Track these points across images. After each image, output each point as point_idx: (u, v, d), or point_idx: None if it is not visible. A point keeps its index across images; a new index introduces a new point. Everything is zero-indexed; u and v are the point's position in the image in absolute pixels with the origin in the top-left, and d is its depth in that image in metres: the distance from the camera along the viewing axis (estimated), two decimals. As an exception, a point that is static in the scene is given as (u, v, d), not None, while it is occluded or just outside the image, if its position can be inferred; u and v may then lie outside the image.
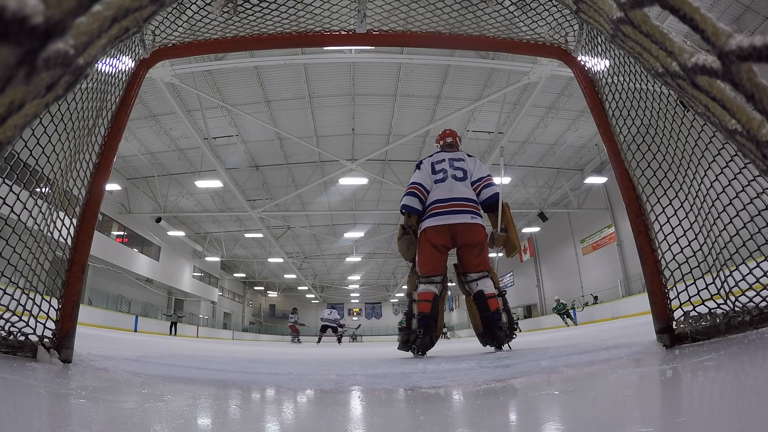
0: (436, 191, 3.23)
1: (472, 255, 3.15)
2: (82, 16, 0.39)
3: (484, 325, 2.99)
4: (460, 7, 2.11)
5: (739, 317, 1.28)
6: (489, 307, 2.99)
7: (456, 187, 3.20)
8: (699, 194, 1.42)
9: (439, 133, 3.74)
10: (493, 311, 2.96)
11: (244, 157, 16.57)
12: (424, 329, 2.94)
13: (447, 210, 3.14)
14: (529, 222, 24.47)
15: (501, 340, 2.90)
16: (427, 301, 3.05)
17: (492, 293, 3.07)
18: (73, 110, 1.44)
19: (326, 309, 16.58)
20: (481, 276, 3.13)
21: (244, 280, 38.76)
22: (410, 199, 3.26)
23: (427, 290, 3.11)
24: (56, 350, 1.42)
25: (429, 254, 3.15)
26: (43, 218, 1.45)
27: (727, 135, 0.70)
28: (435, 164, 3.35)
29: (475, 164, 3.37)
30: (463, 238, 3.11)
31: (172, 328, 20.69)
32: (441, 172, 3.29)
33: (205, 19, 2.01)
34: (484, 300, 3.02)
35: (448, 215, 3.12)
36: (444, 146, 3.60)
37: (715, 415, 0.63)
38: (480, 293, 3.07)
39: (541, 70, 10.06)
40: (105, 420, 0.74)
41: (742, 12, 9.80)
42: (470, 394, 1.06)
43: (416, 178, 3.34)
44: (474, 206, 3.19)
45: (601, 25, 1.14)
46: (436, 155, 3.45)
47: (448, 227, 3.10)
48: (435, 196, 3.21)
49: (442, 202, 3.17)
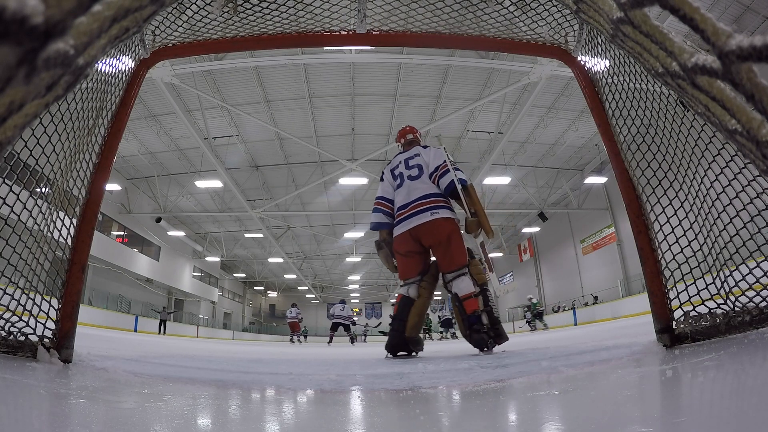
0: (397, 198, 3.22)
1: (440, 254, 3.07)
2: (82, 16, 0.39)
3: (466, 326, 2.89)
4: (460, 7, 2.11)
5: (739, 317, 1.28)
6: (465, 311, 2.89)
7: (413, 188, 3.14)
8: (699, 194, 1.42)
9: (398, 131, 3.64)
10: (469, 314, 2.85)
11: (244, 157, 16.57)
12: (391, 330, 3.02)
13: (407, 215, 3.09)
14: (529, 222, 24.47)
15: (480, 343, 2.76)
16: (396, 303, 3.13)
17: (467, 294, 2.92)
18: (73, 110, 1.44)
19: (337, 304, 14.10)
20: (456, 275, 2.99)
21: (244, 280, 38.77)
22: (375, 216, 3.30)
23: (398, 292, 3.15)
24: (56, 350, 1.42)
25: (398, 262, 3.17)
26: (43, 218, 1.45)
27: (727, 135, 0.70)
28: (393, 170, 3.34)
29: (431, 154, 3.23)
30: (428, 239, 3.04)
31: (161, 327, 19.37)
32: (399, 177, 3.27)
33: (205, 19, 2.01)
34: (460, 303, 2.93)
35: (408, 219, 3.07)
36: (404, 145, 3.52)
37: (715, 415, 0.63)
38: (455, 296, 2.97)
39: (541, 70, 10.06)
40: (105, 420, 0.74)
41: (742, 12, 9.80)
42: (470, 394, 1.06)
43: (379, 191, 3.36)
44: (434, 200, 3.07)
45: (601, 25, 1.14)
46: (393, 160, 3.42)
47: (408, 233, 3.05)
48: (397, 203, 3.21)
49: (402, 208, 3.15)
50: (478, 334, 2.77)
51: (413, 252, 3.08)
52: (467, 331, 2.86)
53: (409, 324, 2.95)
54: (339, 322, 13.68)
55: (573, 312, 19.41)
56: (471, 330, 2.81)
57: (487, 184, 17.21)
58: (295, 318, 16.37)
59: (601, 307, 17.66)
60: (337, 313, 13.73)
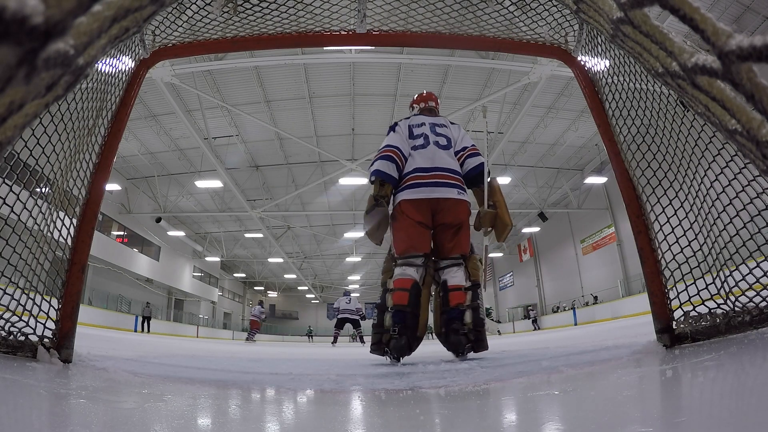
0: (416, 158, 2.66)
1: (447, 236, 2.58)
2: (82, 16, 0.39)
3: (443, 323, 2.42)
4: (460, 7, 2.11)
5: (739, 317, 1.28)
6: (448, 303, 2.40)
7: (439, 156, 2.66)
8: (699, 194, 1.42)
9: (417, 95, 3.10)
10: (452, 307, 2.37)
11: (244, 157, 16.57)
12: (400, 327, 2.29)
13: (430, 181, 2.57)
14: (529, 222, 24.48)
15: (456, 346, 2.29)
16: (403, 290, 2.38)
17: (457, 285, 2.46)
18: (73, 110, 1.44)
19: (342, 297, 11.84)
20: (453, 263, 2.56)
21: (244, 280, 38.78)
22: (385, 164, 2.60)
23: (404, 275, 2.44)
24: (56, 350, 1.42)
25: (409, 229, 2.52)
26: (43, 218, 1.45)
27: (727, 135, 0.70)
28: (413, 127, 2.78)
29: (459, 132, 2.87)
30: (445, 216, 2.55)
31: (144, 324, 18.02)
32: (421, 137, 2.74)
33: (205, 19, 2.01)
34: (446, 293, 2.44)
35: (431, 188, 2.56)
36: (423, 110, 3.01)
37: (715, 415, 0.63)
38: (443, 283, 2.51)
39: (541, 70, 10.07)
40: (105, 420, 0.74)
41: (742, 12, 9.80)
42: (470, 394, 1.06)
43: (392, 140, 2.71)
44: (460, 180, 2.66)
45: (601, 25, 1.14)
46: (414, 118, 2.87)
47: (428, 202, 2.53)
48: (415, 164, 2.64)
49: (423, 171, 2.60)
50: (456, 335, 2.31)
51: (424, 225, 2.56)
52: (443, 329, 2.40)
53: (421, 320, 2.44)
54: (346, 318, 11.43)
55: (573, 312, 19.42)
56: (449, 329, 2.35)
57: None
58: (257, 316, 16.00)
59: (601, 307, 17.66)
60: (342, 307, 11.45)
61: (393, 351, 2.28)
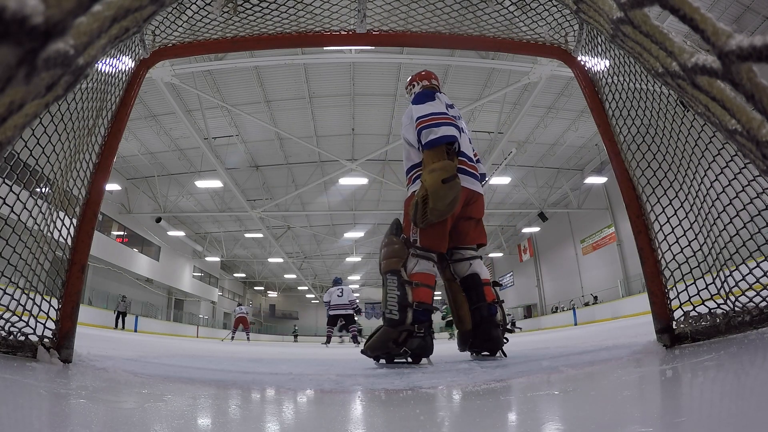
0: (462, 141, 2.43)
1: (471, 225, 2.47)
2: (82, 16, 0.39)
3: (475, 320, 2.28)
4: (460, 7, 2.11)
5: (739, 317, 1.28)
6: (484, 297, 2.27)
7: (468, 147, 2.52)
8: (699, 194, 1.42)
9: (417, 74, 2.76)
10: (489, 303, 2.27)
11: (244, 157, 16.57)
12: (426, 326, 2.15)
13: (471, 172, 2.43)
14: (529, 222, 24.47)
15: (497, 343, 2.22)
16: (429, 287, 2.24)
17: (488, 279, 2.37)
18: (73, 110, 1.44)
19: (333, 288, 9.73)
20: (475, 255, 2.43)
21: (244, 280, 38.77)
22: (455, 130, 2.27)
23: (429, 271, 2.28)
24: (56, 350, 1.42)
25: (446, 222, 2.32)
26: (43, 218, 1.45)
27: (727, 135, 0.70)
28: (449, 107, 2.51)
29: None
30: (473, 210, 2.45)
31: (118, 320, 16.83)
32: (458, 119, 2.51)
33: (205, 19, 2.01)
34: (479, 286, 2.30)
35: (471, 178, 2.41)
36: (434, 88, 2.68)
37: (715, 415, 0.63)
38: (473, 276, 2.35)
39: (541, 70, 10.07)
40: (105, 420, 0.74)
41: (742, 12, 9.80)
42: (470, 394, 1.06)
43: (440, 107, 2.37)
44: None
45: (601, 25, 1.14)
46: (443, 95, 2.57)
47: (468, 193, 2.37)
48: (462, 148, 2.43)
49: (469, 159, 2.46)
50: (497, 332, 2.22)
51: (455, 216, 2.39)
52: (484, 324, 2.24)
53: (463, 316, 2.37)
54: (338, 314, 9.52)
55: (573, 312, 19.42)
56: (491, 324, 2.23)
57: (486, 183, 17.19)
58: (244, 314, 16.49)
59: (601, 307, 17.66)
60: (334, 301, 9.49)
61: (418, 350, 2.12)
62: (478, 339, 2.28)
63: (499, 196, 20.51)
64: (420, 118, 2.31)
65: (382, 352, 2.21)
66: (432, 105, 2.36)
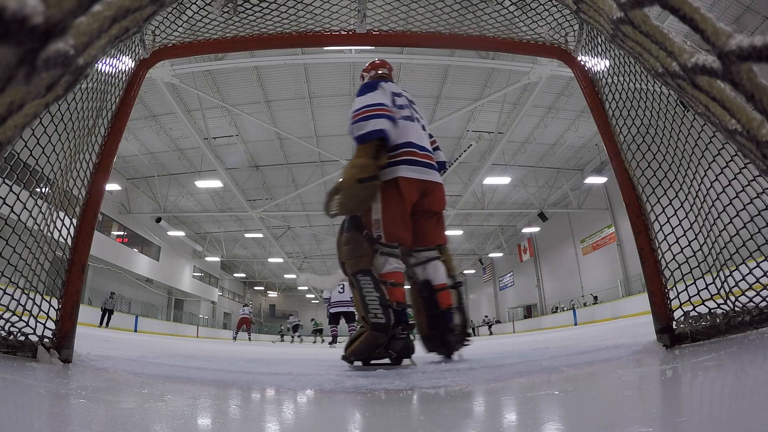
0: (408, 131, 2.35)
1: (431, 224, 2.38)
2: (82, 16, 0.39)
3: (431, 325, 2.28)
4: (460, 7, 2.11)
5: (739, 317, 1.28)
6: (437, 304, 2.25)
7: (424, 135, 2.42)
8: (699, 194, 1.42)
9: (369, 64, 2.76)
10: (443, 310, 2.25)
11: (244, 157, 16.57)
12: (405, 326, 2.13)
13: (424, 161, 2.33)
14: (529, 222, 24.48)
15: (451, 348, 2.23)
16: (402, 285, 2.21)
17: (443, 284, 2.30)
18: (73, 110, 1.44)
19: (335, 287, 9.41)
20: (432, 257, 2.35)
21: (244, 280, 38.78)
22: (382, 121, 2.21)
23: (399, 269, 2.22)
24: (56, 350, 1.42)
25: (403, 213, 2.24)
26: (43, 218, 1.45)
27: (727, 135, 0.70)
28: (395, 96, 2.42)
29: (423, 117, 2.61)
30: (432, 202, 2.36)
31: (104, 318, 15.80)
32: (406, 108, 2.42)
33: (205, 19, 2.01)
34: (432, 293, 2.27)
35: (425, 168, 2.32)
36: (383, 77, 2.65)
37: (715, 415, 0.63)
38: (426, 284, 2.30)
39: (541, 70, 10.07)
40: (105, 420, 0.74)
41: (742, 12, 9.80)
42: (470, 394, 1.06)
43: (378, 98, 2.29)
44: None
45: (601, 25, 1.14)
46: (389, 84, 2.45)
47: (422, 184, 2.30)
48: (409, 137, 2.33)
49: (419, 149, 2.33)
50: (450, 338, 2.22)
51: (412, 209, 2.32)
52: (435, 331, 2.25)
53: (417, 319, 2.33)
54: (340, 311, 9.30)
55: (573, 312, 19.43)
56: (445, 329, 2.23)
57: (487, 184, 17.22)
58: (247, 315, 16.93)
59: (601, 307, 17.66)
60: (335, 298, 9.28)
61: (403, 352, 2.10)
62: (434, 343, 2.30)
63: (499, 196, 20.51)
64: (353, 111, 2.30)
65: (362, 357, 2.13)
66: (369, 97, 2.31)
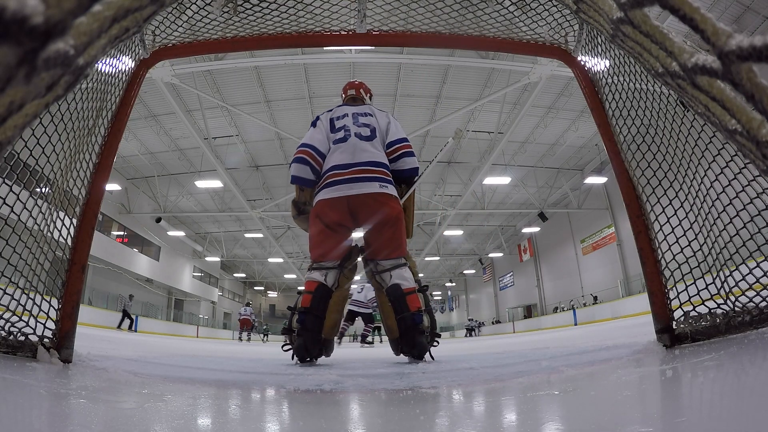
0: (335, 154, 2.53)
1: (383, 235, 2.47)
2: (82, 16, 0.39)
3: (401, 328, 2.36)
4: (460, 7, 2.11)
5: (739, 317, 1.28)
6: (407, 307, 2.36)
7: (360, 149, 2.52)
8: (699, 194, 1.42)
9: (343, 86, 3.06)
10: (413, 312, 2.35)
11: (244, 157, 16.57)
12: (300, 329, 2.31)
13: (347, 177, 2.44)
14: (529, 222, 24.48)
15: (423, 349, 2.31)
16: (308, 293, 2.38)
17: (411, 288, 2.41)
18: (73, 110, 1.44)
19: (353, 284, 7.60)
20: (395, 265, 2.47)
21: (244, 280, 38.78)
22: (299, 168, 2.52)
23: (311, 278, 2.43)
24: (56, 350, 1.42)
25: (319, 234, 2.46)
26: (43, 218, 1.45)
27: (727, 135, 0.70)
28: (335, 120, 2.64)
29: (389, 121, 2.70)
30: (368, 214, 2.44)
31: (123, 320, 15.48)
32: (342, 129, 2.59)
33: (205, 19, 2.01)
34: (401, 297, 2.38)
35: (348, 184, 2.43)
36: (346, 100, 2.92)
37: (715, 415, 0.63)
38: (395, 288, 2.40)
39: (541, 70, 10.07)
40: (105, 420, 0.74)
41: (742, 12, 9.80)
42: (470, 394, 1.06)
43: (308, 138, 2.59)
44: (384, 172, 2.51)
45: (601, 25, 1.14)
46: (337, 109, 2.72)
47: (346, 200, 2.41)
48: (333, 161, 2.51)
49: (341, 168, 2.47)
50: (420, 339, 2.31)
51: (342, 226, 2.47)
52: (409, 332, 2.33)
53: (327, 323, 2.39)
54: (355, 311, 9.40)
55: (573, 312, 19.42)
56: (415, 331, 2.31)
57: (487, 184, 17.22)
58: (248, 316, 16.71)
59: (601, 307, 17.66)
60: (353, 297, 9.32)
61: (294, 352, 2.36)
62: (405, 346, 2.39)
63: (499, 196, 20.52)
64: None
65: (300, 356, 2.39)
66: (306, 135, 2.66)
